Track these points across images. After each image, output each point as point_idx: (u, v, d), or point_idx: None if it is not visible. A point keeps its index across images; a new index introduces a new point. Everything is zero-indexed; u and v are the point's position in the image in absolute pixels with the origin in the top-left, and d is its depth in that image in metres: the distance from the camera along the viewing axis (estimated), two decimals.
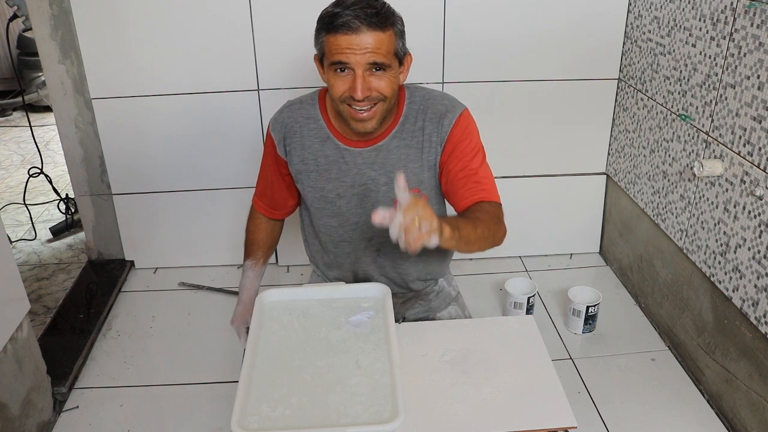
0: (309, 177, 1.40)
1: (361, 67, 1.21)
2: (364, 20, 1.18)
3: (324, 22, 1.23)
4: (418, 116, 1.35)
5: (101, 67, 2.19)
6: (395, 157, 1.36)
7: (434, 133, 1.34)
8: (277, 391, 1.07)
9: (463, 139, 1.33)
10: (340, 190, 1.39)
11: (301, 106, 1.40)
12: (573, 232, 2.60)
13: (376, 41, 1.19)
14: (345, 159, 1.37)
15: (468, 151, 1.33)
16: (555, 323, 2.22)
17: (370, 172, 1.37)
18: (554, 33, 2.23)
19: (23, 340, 1.66)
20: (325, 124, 1.38)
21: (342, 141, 1.37)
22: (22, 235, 2.89)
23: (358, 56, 1.20)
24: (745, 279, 1.65)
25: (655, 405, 1.84)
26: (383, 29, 1.20)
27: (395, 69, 1.26)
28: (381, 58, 1.21)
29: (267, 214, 1.53)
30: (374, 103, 1.25)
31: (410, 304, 1.57)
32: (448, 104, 1.35)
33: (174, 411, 1.85)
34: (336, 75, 1.24)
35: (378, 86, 1.23)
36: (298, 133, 1.38)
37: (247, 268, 1.49)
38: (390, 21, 1.22)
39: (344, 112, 1.27)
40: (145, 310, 2.33)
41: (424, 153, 1.36)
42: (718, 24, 1.70)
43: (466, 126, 1.34)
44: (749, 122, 1.60)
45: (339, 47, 1.20)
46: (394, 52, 1.24)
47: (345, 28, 1.18)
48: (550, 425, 1.06)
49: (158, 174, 2.38)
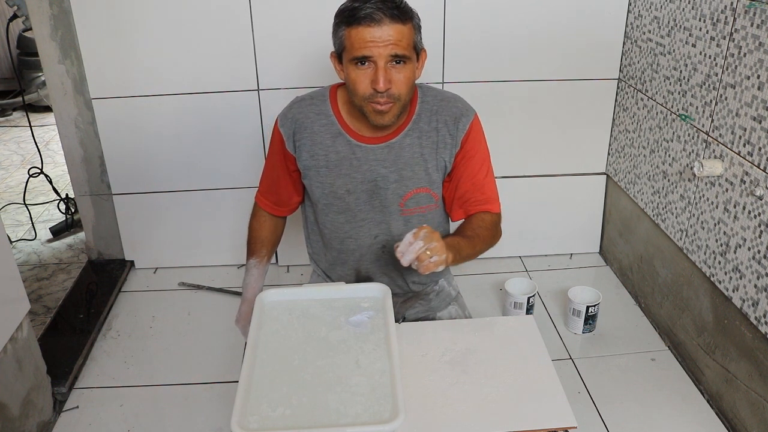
0: (318, 173, 1.40)
1: (384, 59, 1.23)
2: (387, 12, 1.20)
3: (344, 16, 1.24)
4: (432, 116, 1.37)
5: (101, 67, 2.19)
6: (407, 155, 1.37)
7: (448, 135, 1.37)
8: (277, 391, 1.07)
9: (474, 145, 1.39)
10: (349, 186, 1.39)
11: (312, 102, 1.40)
12: (573, 232, 2.60)
13: (398, 33, 1.22)
14: (356, 155, 1.37)
15: (478, 159, 1.39)
16: (555, 323, 2.22)
17: (381, 169, 1.37)
18: (554, 33, 2.23)
19: (23, 340, 1.66)
20: (337, 120, 1.38)
21: (354, 137, 1.37)
22: (22, 235, 2.89)
23: (380, 48, 1.21)
24: (745, 279, 1.65)
25: (655, 405, 1.84)
26: (404, 22, 1.23)
27: (414, 63, 1.28)
28: (402, 50, 1.23)
29: (271, 211, 1.52)
30: (391, 102, 1.27)
31: (410, 304, 1.57)
32: (462, 107, 1.39)
33: (174, 411, 1.85)
34: (357, 69, 1.25)
35: (398, 80, 1.25)
36: (309, 128, 1.38)
37: (251, 267, 1.48)
38: (409, 14, 1.26)
39: (365, 107, 1.28)
40: (145, 310, 2.33)
41: (437, 153, 1.38)
42: (718, 24, 1.70)
43: (478, 131, 1.40)
44: (749, 122, 1.60)
45: (362, 40, 1.21)
46: (413, 45, 1.27)
47: (368, 20, 1.20)
48: (550, 425, 1.06)
49: (158, 174, 2.38)
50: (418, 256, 1.13)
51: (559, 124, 2.39)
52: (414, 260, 1.14)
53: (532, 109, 2.36)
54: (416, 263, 1.15)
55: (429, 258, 1.14)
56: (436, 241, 1.15)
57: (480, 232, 1.36)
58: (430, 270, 1.15)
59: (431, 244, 1.14)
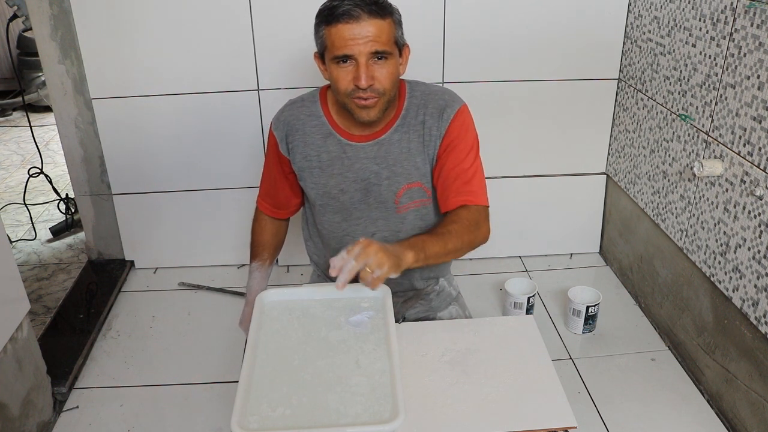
0: (312, 174, 1.40)
1: (364, 56, 1.23)
2: (365, 8, 1.21)
3: (323, 15, 1.25)
4: (419, 110, 1.37)
5: (101, 67, 2.19)
6: (397, 150, 1.37)
7: (434, 127, 1.36)
8: (277, 391, 1.07)
9: (459, 134, 1.36)
10: (343, 185, 1.39)
11: (303, 104, 1.41)
12: (573, 232, 2.60)
13: (377, 29, 1.22)
14: (347, 154, 1.38)
15: (462, 148, 1.35)
16: (555, 323, 2.22)
17: (373, 167, 1.38)
18: (554, 33, 2.23)
19: (23, 340, 1.66)
20: (327, 120, 1.39)
21: (344, 136, 1.38)
22: (22, 235, 2.89)
23: (360, 45, 1.22)
24: (745, 279, 1.65)
25: (655, 405, 1.84)
26: (383, 17, 1.23)
27: (396, 58, 1.28)
28: (382, 46, 1.23)
29: (271, 214, 1.53)
30: (376, 97, 1.27)
31: (411, 304, 1.57)
32: (448, 99, 1.38)
33: (174, 411, 1.85)
34: (339, 67, 1.26)
35: (380, 75, 1.25)
36: (300, 130, 1.39)
37: (253, 270, 1.50)
38: (388, 9, 1.26)
39: (349, 104, 1.29)
40: (145, 310, 2.33)
41: (425, 146, 1.38)
42: (718, 24, 1.70)
43: (463, 121, 1.36)
44: (749, 122, 1.60)
45: (342, 38, 1.22)
46: (394, 41, 1.27)
47: (346, 17, 1.21)
48: (550, 425, 1.06)
49: (158, 174, 2.38)
50: (360, 275, 1.09)
51: (559, 124, 2.39)
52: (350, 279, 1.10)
53: (532, 109, 2.36)
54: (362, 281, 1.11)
55: (371, 274, 1.08)
56: (373, 255, 1.08)
57: (453, 228, 1.28)
58: (377, 285, 1.10)
59: (368, 259, 1.08)
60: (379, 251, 1.09)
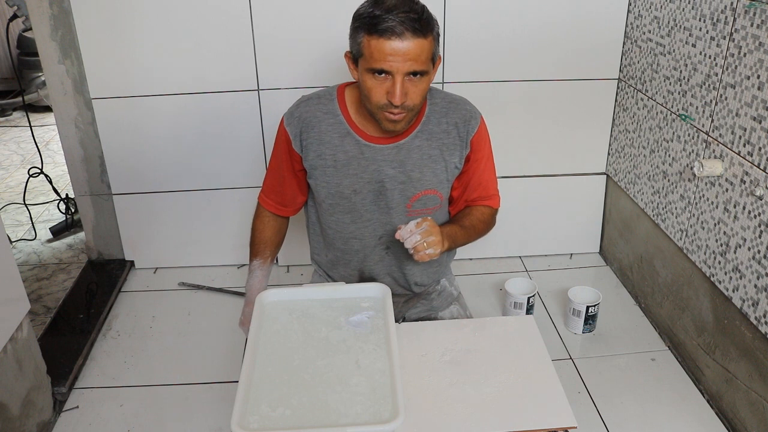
0: (325, 172, 1.39)
1: (402, 75, 1.21)
2: (409, 26, 1.17)
3: (364, 22, 1.21)
4: (441, 118, 1.38)
5: (101, 67, 2.19)
6: (417, 156, 1.37)
7: (458, 137, 1.39)
8: (277, 391, 1.07)
9: (483, 146, 1.42)
10: (356, 186, 1.38)
11: (319, 101, 1.39)
12: (573, 232, 2.60)
13: (418, 48, 1.19)
14: (365, 155, 1.37)
15: (482, 158, 1.43)
16: (555, 323, 2.22)
17: (389, 170, 1.37)
18: (554, 33, 2.23)
19: (23, 340, 1.66)
20: (345, 119, 1.37)
21: (363, 137, 1.37)
22: (22, 235, 2.89)
23: (399, 63, 1.19)
24: (745, 279, 1.65)
25: (655, 405, 1.84)
26: (425, 35, 1.20)
27: (430, 74, 1.27)
28: (421, 66, 1.21)
29: (275, 211, 1.51)
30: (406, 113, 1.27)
31: (412, 304, 1.57)
32: (471, 110, 1.42)
33: (174, 411, 1.85)
34: (374, 79, 1.23)
35: (413, 92, 1.24)
36: (317, 128, 1.37)
37: (254, 268, 1.47)
38: (431, 26, 1.22)
39: (378, 115, 1.28)
40: (145, 310, 2.33)
41: (445, 155, 1.39)
42: (718, 24, 1.70)
43: (485, 132, 1.43)
44: (749, 122, 1.60)
45: (382, 53, 1.19)
46: (432, 58, 1.25)
47: (389, 33, 1.17)
48: (550, 425, 1.06)
49: (158, 174, 2.38)
50: (415, 246, 1.24)
51: (559, 124, 2.39)
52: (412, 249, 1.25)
53: (532, 109, 2.36)
54: (412, 250, 1.25)
55: (425, 249, 1.24)
56: (435, 236, 1.25)
57: (477, 225, 1.43)
58: (423, 260, 1.26)
59: (429, 237, 1.24)
60: (439, 233, 1.27)
